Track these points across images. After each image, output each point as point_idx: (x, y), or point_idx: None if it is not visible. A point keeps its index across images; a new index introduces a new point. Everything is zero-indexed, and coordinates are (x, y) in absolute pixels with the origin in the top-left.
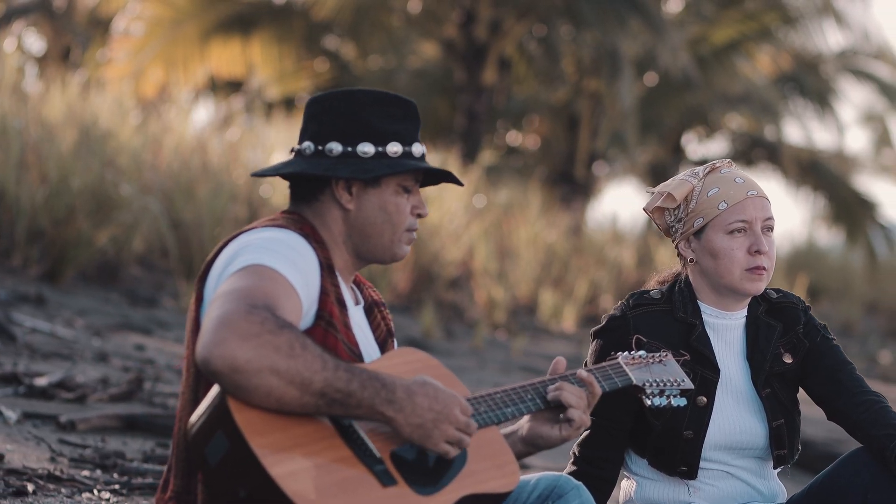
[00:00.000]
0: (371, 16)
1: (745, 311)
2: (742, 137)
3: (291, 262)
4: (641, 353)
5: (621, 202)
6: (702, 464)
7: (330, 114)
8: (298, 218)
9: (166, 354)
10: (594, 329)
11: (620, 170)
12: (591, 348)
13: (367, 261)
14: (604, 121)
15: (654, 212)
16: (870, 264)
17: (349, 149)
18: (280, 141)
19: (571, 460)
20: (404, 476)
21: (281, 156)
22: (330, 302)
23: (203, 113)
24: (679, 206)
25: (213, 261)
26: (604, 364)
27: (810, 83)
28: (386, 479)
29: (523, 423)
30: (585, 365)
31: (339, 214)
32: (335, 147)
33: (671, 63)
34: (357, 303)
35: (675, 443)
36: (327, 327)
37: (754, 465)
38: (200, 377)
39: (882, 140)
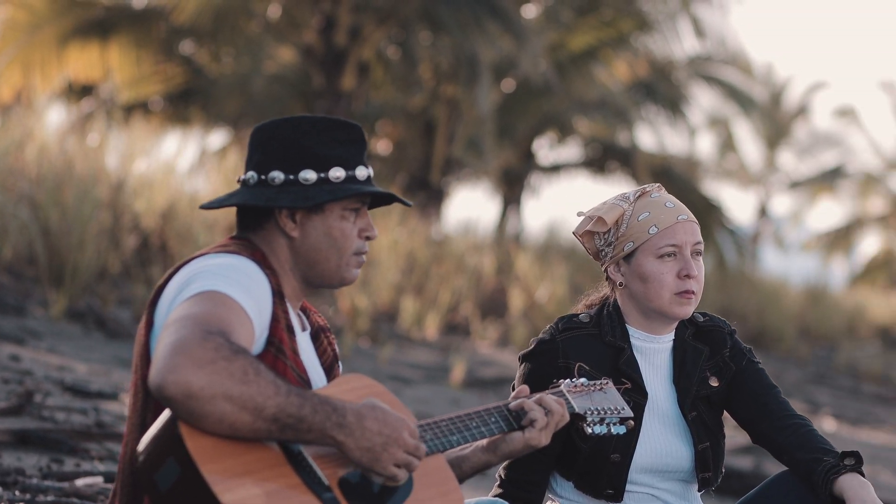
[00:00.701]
0: (231, 21)
1: (672, 335)
2: (594, 143)
3: (245, 288)
4: (583, 380)
5: (475, 208)
6: (628, 486)
7: (272, 142)
8: (249, 244)
9: (42, 365)
10: (523, 353)
11: (472, 175)
12: (519, 371)
13: (316, 286)
14: (460, 126)
15: (583, 235)
16: (719, 270)
17: (291, 177)
18: (139, 149)
19: (497, 483)
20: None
21: (143, 162)
22: (280, 328)
23: (55, 117)
24: (609, 230)
25: (163, 286)
26: (548, 392)
27: (663, 89)
28: None
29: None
30: (513, 388)
31: (285, 242)
32: (277, 176)
33: (532, 69)
34: (304, 329)
35: (602, 466)
36: (277, 353)
37: (679, 488)
38: (148, 402)
39: (727, 145)
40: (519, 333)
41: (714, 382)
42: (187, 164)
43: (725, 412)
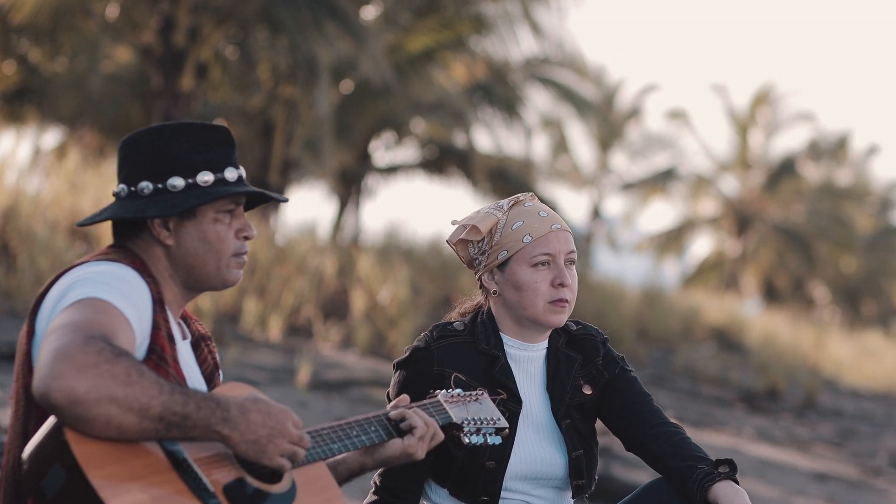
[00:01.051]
0: (69, 20)
1: (545, 343)
2: (431, 145)
3: (126, 295)
4: (459, 391)
5: (312, 209)
6: (502, 493)
7: (139, 153)
8: (128, 252)
9: None
10: (398, 360)
11: (309, 176)
12: (394, 379)
13: (199, 290)
14: (298, 127)
15: (457, 244)
16: None
17: (160, 185)
18: None
19: (373, 490)
20: None
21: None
22: (161, 336)
23: None
24: (483, 239)
25: (44, 294)
26: (424, 402)
27: (499, 91)
28: None
29: None
30: (388, 396)
31: (161, 251)
32: (146, 186)
33: (372, 71)
34: (185, 337)
35: (478, 473)
36: (159, 361)
37: (553, 495)
38: (31, 409)
39: (560, 146)
40: (361, 335)
41: (587, 390)
42: (23, 162)
43: (599, 420)
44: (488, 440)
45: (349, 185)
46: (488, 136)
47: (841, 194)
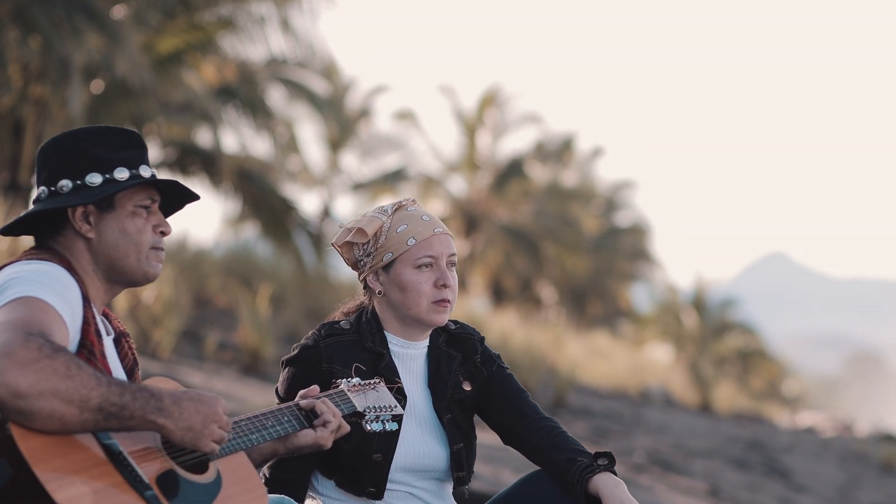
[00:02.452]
0: None
1: (427, 342)
2: (175, 145)
3: (59, 293)
4: (357, 379)
5: None
6: (388, 485)
7: (57, 156)
8: (53, 252)
9: None
10: (286, 357)
11: None
12: (283, 375)
13: (122, 284)
14: (49, 127)
15: (342, 246)
16: (299, 272)
17: (79, 182)
18: None
19: (262, 481)
20: (170, 501)
21: None
22: (91, 332)
23: None
24: (368, 242)
25: None
26: (331, 392)
27: (245, 92)
28: None
29: None
30: (276, 391)
31: (83, 245)
32: (66, 183)
33: (130, 71)
34: (108, 333)
35: (365, 465)
36: (89, 356)
37: (434, 487)
38: None
39: (290, 146)
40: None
41: (467, 387)
42: None
43: (476, 415)
44: (386, 427)
45: None
46: (234, 137)
47: (567, 195)
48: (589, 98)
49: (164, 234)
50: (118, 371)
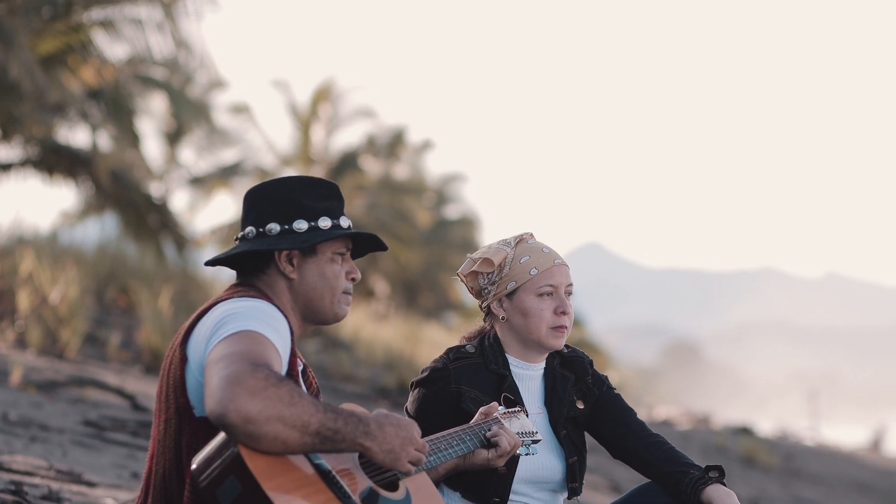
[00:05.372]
0: None
1: (543, 364)
2: (41, 144)
3: (273, 328)
4: (502, 408)
5: None
6: (510, 496)
7: (266, 200)
8: (258, 290)
9: None
10: (416, 380)
11: None
12: (413, 396)
13: (314, 323)
14: None
15: (468, 276)
16: (162, 270)
17: (286, 227)
18: None
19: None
20: None
21: None
22: (295, 363)
23: None
24: (493, 271)
25: (191, 326)
26: (500, 418)
27: (117, 95)
28: None
29: None
30: (406, 410)
31: (285, 284)
32: (274, 227)
33: (24, 74)
34: (301, 365)
35: (489, 477)
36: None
37: (549, 497)
38: (183, 427)
39: (129, 140)
40: (34, 336)
41: (580, 405)
42: None
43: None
44: (530, 451)
45: None
46: (106, 139)
47: (399, 189)
48: (419, 92)
49: (354, 280)
50: None
